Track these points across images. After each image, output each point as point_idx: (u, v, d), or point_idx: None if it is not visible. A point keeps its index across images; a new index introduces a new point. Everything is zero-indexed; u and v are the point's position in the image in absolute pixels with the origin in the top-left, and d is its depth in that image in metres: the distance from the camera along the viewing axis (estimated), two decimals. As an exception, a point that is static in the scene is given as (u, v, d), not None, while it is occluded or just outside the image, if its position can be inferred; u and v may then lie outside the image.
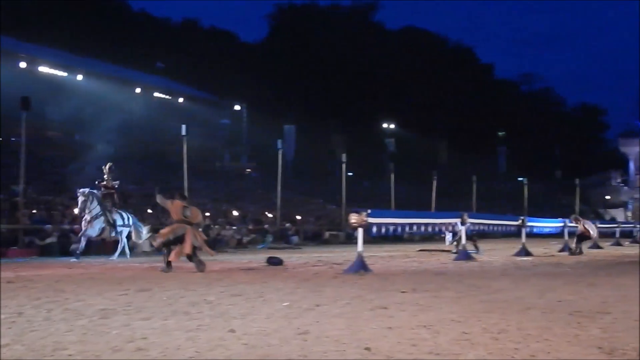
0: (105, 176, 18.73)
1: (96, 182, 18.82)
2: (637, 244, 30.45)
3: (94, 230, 17.70)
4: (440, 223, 16.86)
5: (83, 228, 17.62)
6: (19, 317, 6.56)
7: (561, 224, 24.26)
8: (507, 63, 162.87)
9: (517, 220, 21.00)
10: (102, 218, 17.76)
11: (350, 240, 25.33)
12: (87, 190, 17.78)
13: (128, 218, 18.66)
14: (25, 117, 21.65)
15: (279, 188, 30.67)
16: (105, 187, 18.53)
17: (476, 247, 20.03)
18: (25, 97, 22.11)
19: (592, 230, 21.23)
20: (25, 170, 21.05)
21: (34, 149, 32.71)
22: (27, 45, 38.70)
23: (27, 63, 34.88)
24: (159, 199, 13.56)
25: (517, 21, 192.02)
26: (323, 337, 5.43)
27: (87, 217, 17.54)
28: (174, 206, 12.85)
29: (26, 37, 40.09)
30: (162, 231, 12.88)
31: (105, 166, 18.99)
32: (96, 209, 17.67)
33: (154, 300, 7.98)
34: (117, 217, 18.26)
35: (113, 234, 18.16)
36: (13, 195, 24.54)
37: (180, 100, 45.66)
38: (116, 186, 18.91)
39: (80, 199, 17.62)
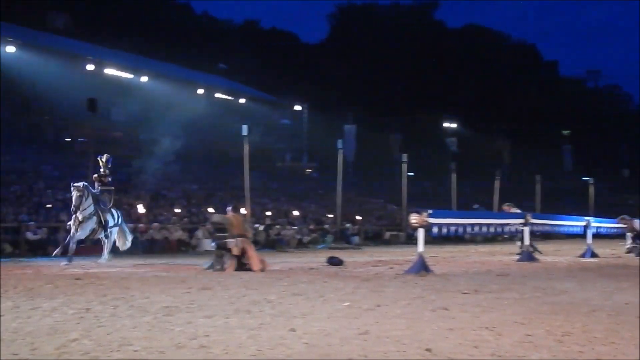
0: (101, 170, 16.95)
1: (94, 176, 17.19)
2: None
3: (84, 232, 15.70)
4: (503, 224, 16.61)
5: (72, 228, 15.48)
6: (87, 313, 6.75)
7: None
8: (572, 60, 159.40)
9: (583, 221, 20.52)
10: (95, 218, 15.75)
11: (411, 240, 25.19)
12: (81, 184, 15.83)
13: (118, 216, 16.83)
14: (92, 118, 22.06)
15: (339, 188, 30.67)
16: (101, 182, 16.67)
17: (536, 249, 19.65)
18: (92, 98, 22.61)
19: None
20: (91, 170, 21.32)
21: (100, 149, 33.59)
22: (94, 47, 39.63)
23: (94, 65, 35.69)
24: (216, 217, 13.65)
25: (581, 17, 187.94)
26: (384, 337, 5.42)
27: (80, 216, 15.47)
28: (237, 220, 13.03)
29: (93, 40, 41.08)
30: (233, 247, 12.72)
31: (102, 157, 17.19)
32: (90, 207, 15.64)
33: (216, 299, 8.08)
34: (109, 217, 16.28)
35: (102, 235, 16.24)
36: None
37: (242, 100, 46.10)
38: (110, 181, 16.99)
39: (75, 194, 15.43)
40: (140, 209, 24.65)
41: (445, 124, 61.13)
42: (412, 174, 42.74)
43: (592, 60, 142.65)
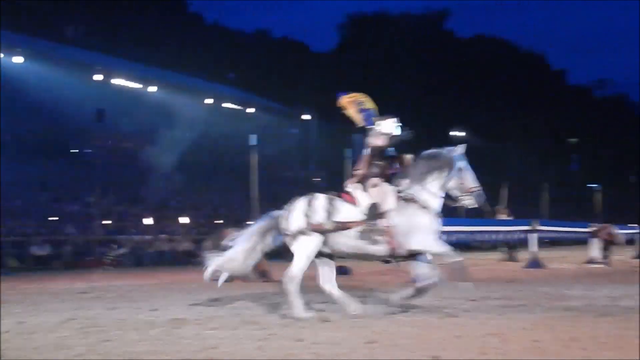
0: None
1: None
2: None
3: None
4: (509, 231, 16.62)
5: None
6: (93, 327, 6.75)
7: (636, 231, 23.68)
8: (579, 69, 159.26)
9: (589, 227, 20.46)
10: None
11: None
12: None
13: None
14: (100, 129, 22.04)
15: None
16: None
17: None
18: (100, 109, 22.62)
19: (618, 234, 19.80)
20: (99, 181, 21.39)
21: (108, 159, 33.61)
22: (102, 57, 39.67)
23: (102, 75, 35.69)
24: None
25: (589, 26, 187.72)
26: (391, 345, 5.44)
27: None
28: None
29: (101, 50, 41.17)
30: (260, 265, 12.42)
31: None
32: None
33: (223, 310, 8.10)
34: None
35: None
36: (87, 206, 25.17)
37: (250, 110, 46.14)
38: None
39: None
40: (148, 220, 24.71)
41: (453, 133, 61.18)
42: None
43: (601, 69, 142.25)
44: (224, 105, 44.46)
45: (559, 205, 44.54)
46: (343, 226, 7.12)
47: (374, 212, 7.11)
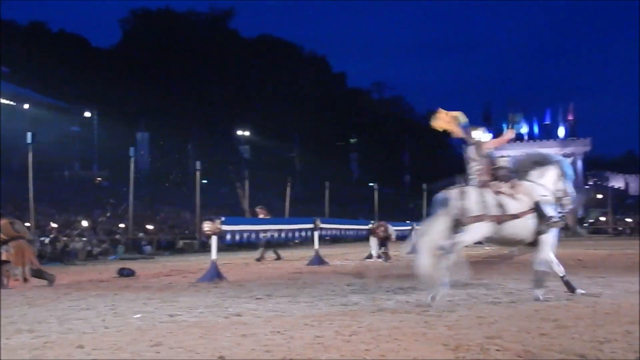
0: None
1: None
2: (480, 244, 32.04)
3: None
4: (294, 229, 17.01)
5: None
6: None
7: (409, 227, 25.24)
8: (359, 72, 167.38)
9: (368, 225, 21.50)
10: None
11: (205, 248, 25.09)
12: None
13: None
14: None
15: (131, 197, 29.92)
16: None
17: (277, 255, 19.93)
18: None
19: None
20: None
21: None
22: None
23: None
24: None
25: (369, 31, 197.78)
26: (177, 347, 5.36)
27: None
28: (3, 226, 11.89)
29: None
30: (11, 257, 11.79)
31: None
32: None
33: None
34: None
35: None
36: None
37: (26, 106, 43.46)
38: None
39: None
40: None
41: (239, 132, 61.68)
42: (206, 181, 42.63)
43: (378, 73, 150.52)
44: (-3, 100, 41.62)
45: (341, 203, 46.40)
46: (514, 217, 8.08)
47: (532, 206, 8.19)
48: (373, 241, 19.29)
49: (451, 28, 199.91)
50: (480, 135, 8.73)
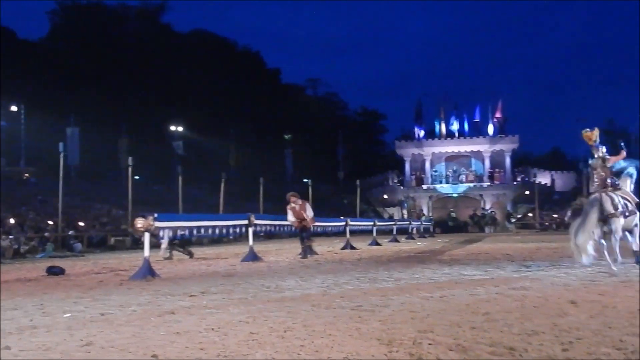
0: None
1: None
2: (412, 240, 32.57)
3: None
4: (228, 225, 16.92)
5: None
6: None
7: (344, 223, 25.47)
8: (293, 68, 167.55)
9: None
10: None
11: (137, 245, 24.77)
12: None
13: None
14: None
15: (60, 193, 29.28)
16: None
17: (188, 253, 19.36)
18: None
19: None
20: None
21: None
22: None
23: None
24: None
25: (303, 27, 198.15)
26: (108, 347, 5.27)
27: None
28: None
29: None
30: None
31: None
32: None
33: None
34: None
35: None
36: None
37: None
38: None
39: None
40: None
41: (172, 128, 60.97)
42: (138, 177, 42.02)
43: (312, 70, 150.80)
44: None
45: (275, 200, 46.36)
46: (632, 214, 11.32)
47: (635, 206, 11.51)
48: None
49: (384, 25, 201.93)
50: (604, 152, 11.71)
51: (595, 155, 11.61)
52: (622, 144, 12.22)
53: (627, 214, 11.10)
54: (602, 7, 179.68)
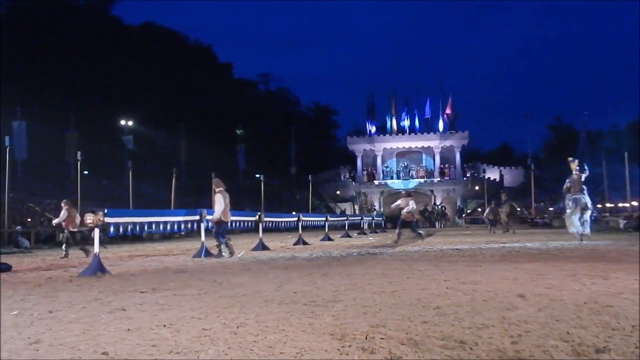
0: None
1: None
2: (364, 235, 32.78)
3: None
4: (180, 220, 16.79)
5: None
6: None
7: (295, 219, 25.49)
8: (245, 63, 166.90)
9: (255, 216, 21.55)
10: None
11: (87, 241, 24.37)
12: None
13: None
14: None
15: (6, 188, 28.67)
16: None
17: (86, 251, 18.48)
18: None
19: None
20: None
21: None
22: None
23: None
24: None
25: (255, 22, 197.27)
26: (57, 345, 5.18)
27: None
28: None
29: None
30: None
31: None
32: None
33: None
34: None
35: None
36: None
37: None
38: None
39: None
40: None
41: (122, 122, 60.16)
42: (87, 172, 41.38)
43: (264, 65, 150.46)
44: None
45: (229, 195, 46.10)
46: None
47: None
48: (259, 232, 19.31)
49: (336, 20, 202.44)
50: (581, 174, 18.83)
51: (575, 176, 18.93)
52: (586, 166, 19.10)
53: (591, 207, 18.88)
54: (551, 4, 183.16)
